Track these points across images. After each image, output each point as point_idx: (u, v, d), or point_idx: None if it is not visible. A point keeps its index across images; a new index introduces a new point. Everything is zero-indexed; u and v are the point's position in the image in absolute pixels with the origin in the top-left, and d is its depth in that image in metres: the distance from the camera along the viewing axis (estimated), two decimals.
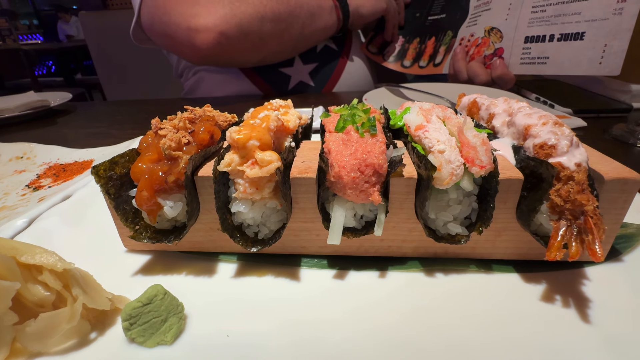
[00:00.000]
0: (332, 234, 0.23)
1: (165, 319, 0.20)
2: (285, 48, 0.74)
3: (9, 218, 0.32)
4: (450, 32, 0.83)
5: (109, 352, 0.19)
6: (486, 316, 0.21)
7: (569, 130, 0.22)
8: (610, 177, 0.21)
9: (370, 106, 0.29)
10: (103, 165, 0.23)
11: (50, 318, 0.18)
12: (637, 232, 0.26)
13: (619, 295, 0.22)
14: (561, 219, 0.21)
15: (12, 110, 0.71)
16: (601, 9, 0.61)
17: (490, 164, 0.21)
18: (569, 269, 0.24)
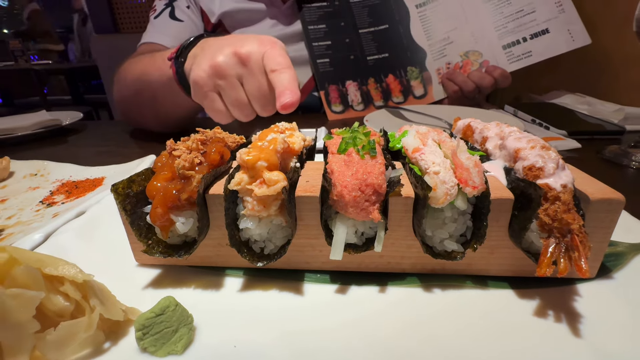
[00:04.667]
0: (335, 250, 0.24)
1: (176, 330, 0.21)
2: (158, 126, 0.73)
3: (24, 232, 0.34)
4: (413, 68, 0.86)
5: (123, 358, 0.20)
6: (481, 330, 0.22)
7: (555, 153, 0.24)
8: (596, 198, 0.23)
9: (371, 129, 0.30)
10: (121, 184, 0.25)
11: (69, 327, 0.20)
12: (626, 251, 0.27)
13: (608, 311, 0.23)
14: (550, 237, 0.22)
15: (26, 128, 0.74)
16: (548, 12, 0.79)
17: (482, 185, 0.23)
18: (561, 286, 0.25)
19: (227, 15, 0.88)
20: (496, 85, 0.79)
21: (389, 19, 0.91)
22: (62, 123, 0.80)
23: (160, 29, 0.86)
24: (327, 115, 0.88)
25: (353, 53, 0.91)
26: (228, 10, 0.87)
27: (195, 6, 0.91)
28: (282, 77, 0.42)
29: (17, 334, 0.19)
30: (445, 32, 0.88)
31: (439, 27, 0.89)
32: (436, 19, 0.89)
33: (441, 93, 0.87)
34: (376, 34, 0.91)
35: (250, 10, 0.89)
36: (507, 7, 0.84)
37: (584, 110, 0.76)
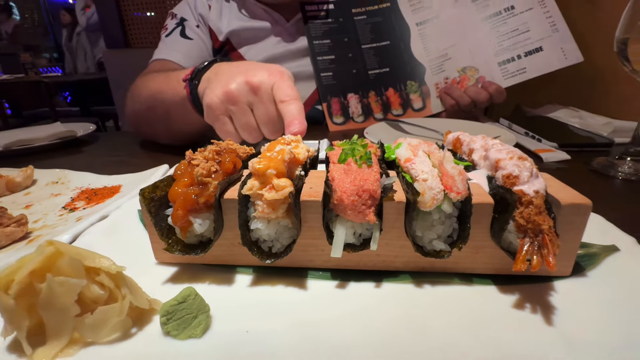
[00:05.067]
0: (335, 249, 0.27)
1: (196, 316, 0.24)
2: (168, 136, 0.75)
3: (52, 235, 0.37)
4: (412, 82, 0.91)
5: (148, 342, 0.23)
6: (466, 321, 0.25)
7: (530, 163, 0.27)
8: (566, 203, 0.26)
9: (368, 141, 0.34)
10: (147, 189, 0.28)
11: (104, 312, 0.23)
12: (599, 252, 0.30)
13: (580, 305, 0.26)
14: (525, 237, 0.25)
15: (44, 139, 0.78)
16: (542, 31, 0.83)
17: (465, 191, 0.26)
18: (539, 283, 0.28)
19: (234, 34, 0.93)
20: (491, 100, 0.83)
21: (391, 36, 0.96)
22: (77, 134, 0.84)
23: (172, 46, 0.91)
24: (329, 126, 0.91)
25: (355, 67, 0.95)
26: (235, 29, 0.92)
27: (204, 25, 0.96)
28: (291, 108, 0.47)
29: (61, 316, 0.22)
30: (443, 49, 0.93)
31: (438, 43, 0.93)
32: (435, 36, 0.94)
33: (439, 106, 0.91)
34: (378, 49, 0.96)
35: (256, 29, 0.94)
36: (503, 26, 0.88)
37: (576, 123, 0.79)
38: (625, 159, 0.55)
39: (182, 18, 0.95)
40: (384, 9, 0.97)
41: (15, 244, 0.37)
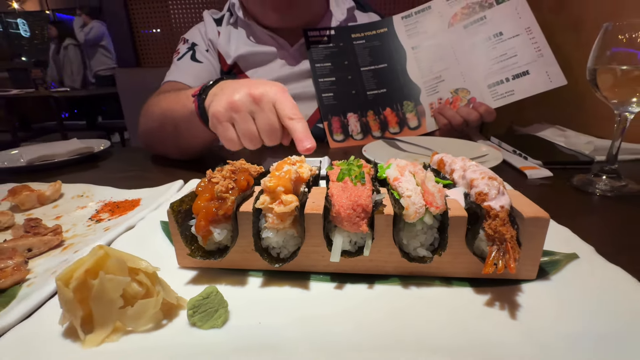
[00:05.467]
0: (334, 255, 0.32)
1: (217, 310, 0.28)
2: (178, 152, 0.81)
3: (84, 243, 0.42)
4: (408, 102, 0.97)
5: (176, 332, 0.28)
6: (446, 317, 0.29)
7: (498, 182, 0.32)
8: (528, 216, 0.31)
9: (363, 162, 0.39)
10: (176, 203, 0.33)
11: (142, 305, 0.27)
12: (562, 259, 0.34)
13: (543, 303, 0.30)
14: (493, 245, 0.30)
15: (64, 155, 0.83)
16: (529, 56, 0.90)
17: (443, 206, 0.31)
18: (509, 285, 0.33)
19: (242, 58, 1.00)
20: (482, 119, 0.89)
21: (388, 59, 1.03)
22: (94, 150, 0.89)
23: (183, 69, 0.98)
24: (329, 143, 0.97)
25: (355, 88, 1.01)
26: (242, 54, 0.99)
27: (213, 49, 1.03)
28: (300, 126, 0.53)
29: (108, 308, 0.27)
30: (437, 71, 0.99)
31: (432, 66, 1.00)
32: (430, 60, 1.00)
33: (433, 125, 0.97)
34: (376, 71, 1.02)
35: (262, 53, 1.01)
36: (492, 52, 0.95)
37: (561, 142, 0.84)
38: (602, 176, 0.60)
39: (193, 43, 1.02)
40: (381, 34, 1.04)
41: (51, 251, 0.42)
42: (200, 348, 0.26)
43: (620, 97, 0.55)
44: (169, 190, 0.55)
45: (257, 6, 0.95)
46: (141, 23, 1.55)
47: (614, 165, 0.59)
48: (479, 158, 0.70)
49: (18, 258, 0.36)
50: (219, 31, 1.03)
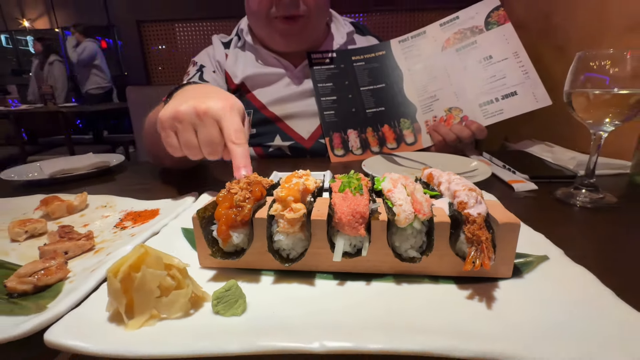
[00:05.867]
0: (336, 256, 0.37)
1: (237, 301, 0.33)
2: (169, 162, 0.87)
3: (114, 247, 0.47)
4: (405, 120, 1.03)
5: (202, 318, 0.33)
6: (433, 309, 0.34)
7: (476, 193, 0.38)
8: (502, 222, 0.36)
9: (361, 176, 0.45)
10: (201, 210, 0.39)
11: (175, 295, 0.32)
12: (534, 260, 0.39)
13: (517, 297, 0.35)
14: (472, 246, 0.35)
15: (83, 168, 0.89)
16: (516, 78, 0.97)
17: (429, 213, 0.36)
18: (488, 282, 0.38)
19: (249, 78, 1.07)
20: (474, 136, 0.95)
21: (386, 79, 1.10)
22: (110, 164, 0.95)
23: None
24: (330, 158, 1.03)
25: (354, 106, 1.08)
26: (250, 75, 1.06)
27: (220, 70, 1.10)
28: (240, 151, 0.53)
29: (147, 297, 0.32)
30: (432, 91, 1.06)
31: (427, 86, 1.07)
32: (425, 81, 1.07)
33: (429, 141, 1.03)
34: (374, 91, 1.09)
35: (269, 74, 1.08)
36: (483, 73, 1.02)
37: (548, 157, 0.90)
38: (582, 189, 0.65)
39: (202, 65, 1.10)
40: (379, 56, 1.12)
41: (84, 254, 0.47)
42: (223, 331, 0.31)
43: (594, 118, 0.61)
44: (185, 202, 0.61)
45: (265, 32, 1.03)
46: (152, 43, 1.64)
47: (592, 179, 0.65)
48: (469, 172, 0.75)
49: (59, 259, 0.42)
50: (226, 53, 1.11)
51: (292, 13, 0.96)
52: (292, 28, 0.99)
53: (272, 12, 0.97)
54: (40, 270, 0.39)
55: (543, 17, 1.18)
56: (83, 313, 0.32)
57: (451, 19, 1.08)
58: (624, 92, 0.57)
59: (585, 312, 0.32)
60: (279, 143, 1.08)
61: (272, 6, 0.96)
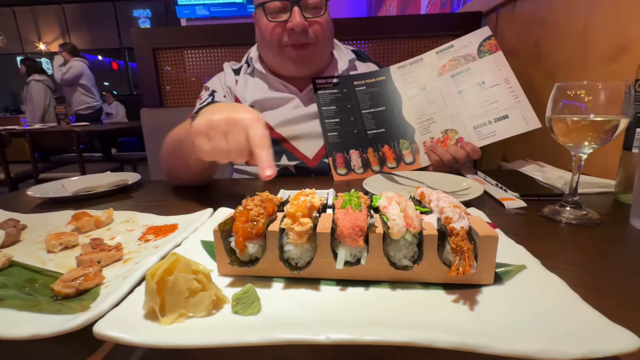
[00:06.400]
0: (338, 264, 0.43)
1: (253, 302, 0.39)
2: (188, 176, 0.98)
3: (142, 257, 0.53)
4: (404, 141, 1.10)
5: (223, 317, 0.38)
6: (421, 309, 0.39)
7: (460, 210, 0.43)
8: (482, 234, 0.41)
9: (361, 194, 0.50)
10: (221, 224, 0.45)
11: (201, 297, 0.38)
12: (514, 269, 0.45)
13: (497, 300, 0.40)
14: (456, 255, 0.40)
15: (104, 186, 0.96)
16: (507, 102, 1.04)
17: (419, 227, 0.42)
18: (473, 288, 0.43)
19: (258, 102, 1.15)
20: (468, 157, 1.01)
21: (386, 103, 1.17)
22: (128, 182, 1.02)
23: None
24: (334, 177, 1.09)
25: (356, 128, 1.15)
26: (258, 99, 1.15)
27: (231, 95, 1.19)
28: (265, 154, 0.61)
29: (177, 298, 0.37)
30: (429, 114, 1.13)
31: (425, 110, 1.14)
32: (422, 104, 1.15)
33: (427, 161, 1.09)
34: (375, 114, 1.16)
35: (276, 98, 1.16)
36: (476, 98, 1.09)
37: (539, 177, 0.96)
38: (566, 207, 0.71)
39: (213, 90, 1.18)
40: (380, 81, 1.20)
41: (114, 263, 0.53)
42: (242, 327, 0.36)
43: (574, 142, 0.67)
44: (202, 217, 0.67)
45: (277, 59, 1.12)
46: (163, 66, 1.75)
47: (575, 197, 0.70)
48: (463, 190, 0.81)
49: (95, 267, 0.47)
50: (236, 80, 1.20)
51: (301, 41, 1.04)
52: (303, 55, 1.08)
53: (284, 40, 1.06)
54: (81, 276, 0.45)
55: (532, 45, 1.26)
56: (123, 311, 0.38)
57: (447, 47, 1.17)
58: (599, 119, 0.63)
59: (552, 312, 0.37)
60: (285, 163, 1.14)
61: (283, 35, 1.05)
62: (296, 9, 1.00)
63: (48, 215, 0.73)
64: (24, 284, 0.47)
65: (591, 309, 0.36)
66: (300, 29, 1.02)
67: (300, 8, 1.01)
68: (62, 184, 1.02)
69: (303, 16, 1.01)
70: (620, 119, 0.62)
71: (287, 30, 1.03)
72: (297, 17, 1.00)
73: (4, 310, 0.41)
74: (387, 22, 1.66)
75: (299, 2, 1.01)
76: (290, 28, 1.02)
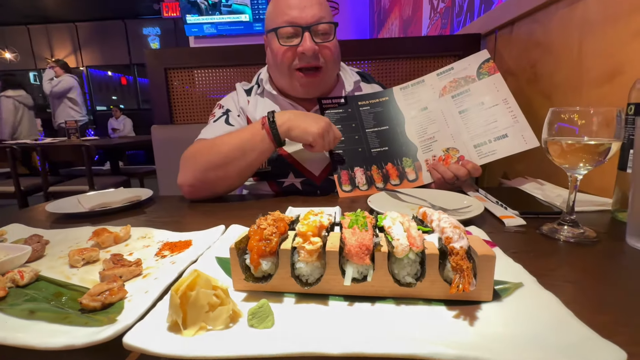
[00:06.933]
0: (346, 281, 0.46)
1: (267, 316, 0.42)
2: (233, 181, 1.08)
3: (161, 272, 0.56)
4: (407, 159, 1.14)
5: (240, 330, 0.41)
6: (423, 324, 0.42)
7: (460, 230, 0.46)
8: (480, 254, 0.44)
9: (367, 214, 0.54)
10: (237, 242, 0.48)
11: (219, 311, 0.41)
12: (511, 286, 0.47)
13: (495, 316, 0.43)
14: (456, 273, 0.43)
15: (119, 202, 1.00)
16: (506, 122, 1.08)
17: (422, 246, 0.45)
18: (472, 305, 0.45)
19: None
20: (469, 174, 1.04)
21: (389, 122, 1.22)
22: (141, 198, 1.06)
23: (217, 130, 1.18)
24: (339, 193, 1.13)
25: (361, 146, 1.19)
26: None
27: (243, 115, 1.24)
28: None
29: (198, 312, 0.40)
30: (431, 133, 1.17)
31: (427, 129, 1.18)
32: (425, 124, 1.19)
33: (429, 178, 1.12)
34: (379, 132, 1.21)
35: None
36: (476, 118, 1.13)
37: (538, 194, 0.98)
38: (564, 225, 0.73)
39: (228, 109, 1.23)
40: (383, 101, 1.24)
41: (134, 278, 0.56)
42: (258, 339, 0.39)
43: (569, 163, 0.70)
44: (215, 234, 0.70)
45: (287, 81, 1.17)
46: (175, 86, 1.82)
47: (572, 216, 0.73)
48: (464, 208, 0.84)
49: (119, 282, 0.51)
50: (248, 100, 1.25)
51: (312, 64, 1.11)
52: (312, 81, 1.15)
53: (295, 63, 1.11)
54: (106, 291, 0.48)
55: (529, 66, 1.31)
56: (148, 323, 0.41)
57: (447, 69, 1.22)
58: (592, 143, 0.66)
59: (547, 328, 0.39)
60: (292, 180, 1.18)
61: (295, 59, 1.10)
62: (307, 34, 1.07)
63: (68, 231, 0.77)
64: (51, 298, 0.51)
65: (583, 326, 0.39)
66: (310, 53, 1.08)
67: (311, 33, 1.07)
68: (77, 199, 1.06)
69: (313, 41, 1.07)
70: (613, 142, 0.66)
71: (298, 54, 1.09)
72: (308, 42, 1.07)
73: (36, 323, 0.44)
74: (389, 44, 1.73)
75: (310, 28, 1.07)
76: (301, 52, 1.08)
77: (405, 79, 1.26)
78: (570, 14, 1.12)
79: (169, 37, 9.00)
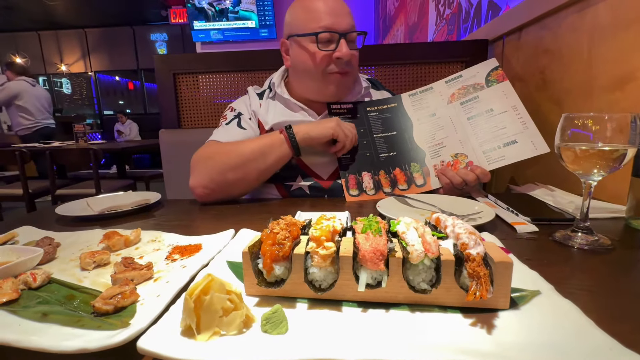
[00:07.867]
0: (360, 287, 0.45)
1: (281, 321, 0.41)
2: (250, 183, 1.11)
3: (172, 275, 0.56)
4: (415, 164, 1.14)
5: (253, 336, 0.41)
6: (439, 331, 0.41)
7: (476, 236, 0.46)
8: (497, 260, 0.44)
9: (379, 219, 0.53)
10: (249, 246, 0.48)
11: (233, 315, 0.40)
12: (528, 294, 0.46)
13: (513, 325, 0.42)
14: (473, 280, 0.43)
15: (128, 206, 1.00)
16: (515, 128, 1.07)
17: (437, 252, 0.45)
18: (488, 312, 0.45)
19: (277, 125, 1.20)
20: (478, 180, 1.03)
21: (397, 128, 1.21)
22: (150, 201, 1.07)
23: (229, 133, 1.18)
24: (346, 198, 1.12)
25: (369, 151, 1.19)
26: (278, 122, 1.20)
27: (255, 118, 1.25)
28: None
29: (212, 316, 0.40)
30: (439, 139, 1.17)
31: (435, 135, 1.18)
32: (433, 129, 1.18)
33: (437, 183, 1.12)
34: (387, 138, 1.20)
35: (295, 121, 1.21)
36: (485, 124, 1.12)
37: (549, 201, 0.97)
38: (578, 232, 0.72)
39: (239, 112, 1.24)
40: (392, 107, 1.24)
41: (146, 282, 0.56)
42: (273, 345, 0.39)
43: (583, 169, 0.69)
44: (225, 238, 0.70)
45: (318, 84, 1.18)
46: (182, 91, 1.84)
47: (586, 223, 0.72)
48: (475, 214, 0.83)
49: (131, 285, 0.51)
50: (260, 103, 1.26)
51: (345, 70, 1.15)
52: (345, 81, 1.19)
53: (330, 68, 1.13)
54: (118, 294, 0.48)
55: (538, 72, 1.31)
56: (162, 328, 0.41)
57: (455, 77, 1.21)
58: (607, 149, 0.65)
59: (567, 337, 0.38)
60: (300, 183, 1.18)
61: (329, 64, 1.12)
62: (343, 41, 1.11)
63: (79, 234, 0.77)
64: (64, 300, 0.51)
65: (605, 335, 0.38)
66: (347, 59, 1.12)
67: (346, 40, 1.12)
68: (87, 202, 1.06)
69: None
70: (628, 148, 0.65)
71: (334, 59, 1.12)
72: (345, 48, 1.10)
73: (50, 325, 0.44)
74: (396, 49, 1.73)
75: (346, 35, 1.11)
76: (337, 57, 1.11)
77: (412, 85, 1.26)
78: (580, 20, 1.11)
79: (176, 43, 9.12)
